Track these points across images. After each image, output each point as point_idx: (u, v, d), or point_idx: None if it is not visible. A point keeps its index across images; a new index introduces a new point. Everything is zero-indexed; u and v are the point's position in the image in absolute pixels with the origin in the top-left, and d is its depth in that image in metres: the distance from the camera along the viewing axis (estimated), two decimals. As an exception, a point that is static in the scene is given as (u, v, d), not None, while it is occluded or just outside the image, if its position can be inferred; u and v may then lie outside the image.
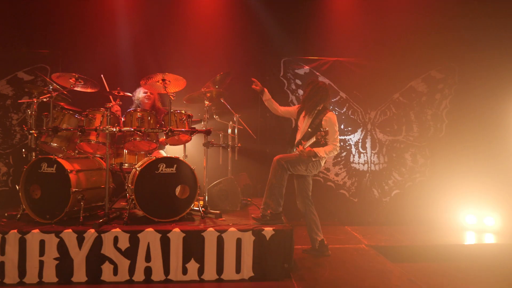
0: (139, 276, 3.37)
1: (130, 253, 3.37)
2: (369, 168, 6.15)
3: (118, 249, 3.36)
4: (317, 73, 6.10)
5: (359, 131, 6.16)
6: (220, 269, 3.43)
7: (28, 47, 5.67)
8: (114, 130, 3.66)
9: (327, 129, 3.69)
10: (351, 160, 6.15)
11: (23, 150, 3.90)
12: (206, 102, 4.18)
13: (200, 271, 3.42)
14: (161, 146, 4.66)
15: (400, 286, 3.40)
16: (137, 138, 3.85)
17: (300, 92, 6.07)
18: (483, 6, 5.90)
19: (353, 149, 6.16)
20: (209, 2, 6.04)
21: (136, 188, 3.65)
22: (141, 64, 5.72)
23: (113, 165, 4.27)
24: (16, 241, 3.30)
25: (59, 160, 3.61)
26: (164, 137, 4.02)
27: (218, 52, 5.94)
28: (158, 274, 3.38)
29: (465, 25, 5.96)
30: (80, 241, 3.33)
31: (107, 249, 3.35)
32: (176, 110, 4.02)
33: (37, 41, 5.71)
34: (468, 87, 6.11)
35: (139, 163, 4.00)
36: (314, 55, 6.14)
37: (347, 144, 6.15)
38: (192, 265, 3.41)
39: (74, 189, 3.53)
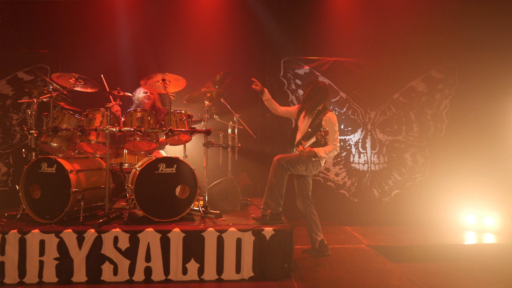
0: (139, 276, 3.37)
1: (130, 253, 3.37)
2: (369, 168, 6.15)
3: (118, 249, 3.36)
4: (317, 73, 6.10)
5: (359, 131, 6.16)
6: (220, 269, 3.43)
7: (28, 47, 5.67)
8: (114, 130, 3.67)
9: (327, 129, 3.70)
10: (351, 160, 6.15)
11: (23, 150, 3.90)
12: (206, 102, 4.17)
13: (200, 271, 3.42)
14: (161, 146, 4.66)
15: (400, 286, 3.40)
16: (137, 138, 3.85)
17: (300, 92, 6.07)
18: (483, 6, 5.91)
19: (353, 149, 6.16)
20: (209, 2, 6.04)
21: (136, 188, 3.65)
22: (141, 64, 5.72)
23: (113, 165, 4.27)
24: (16, 241, 3.30)
25: (59, 160, 3.61)
26: (164, 137, 4.03)
27: (218, 52, 5.94)
28: (158, 274, 3.39)
29: (465, 25, 5.96)
30: (80, 241, 3.33)
31: (107, 249, 3.35)
32: (176, 110, 4.02)
33: (37, 41, 5.71)
34: (468, 87, 6.11)
35: (139, 163, 4.00)
36: (314, 55, 6.14)
37: (347, 144, 6.15)
38: (192, 265, 3.41)
39: (74, 189, 3.53)
